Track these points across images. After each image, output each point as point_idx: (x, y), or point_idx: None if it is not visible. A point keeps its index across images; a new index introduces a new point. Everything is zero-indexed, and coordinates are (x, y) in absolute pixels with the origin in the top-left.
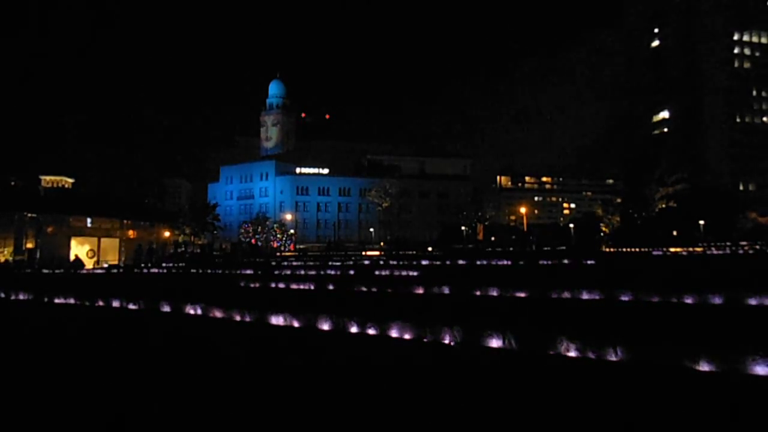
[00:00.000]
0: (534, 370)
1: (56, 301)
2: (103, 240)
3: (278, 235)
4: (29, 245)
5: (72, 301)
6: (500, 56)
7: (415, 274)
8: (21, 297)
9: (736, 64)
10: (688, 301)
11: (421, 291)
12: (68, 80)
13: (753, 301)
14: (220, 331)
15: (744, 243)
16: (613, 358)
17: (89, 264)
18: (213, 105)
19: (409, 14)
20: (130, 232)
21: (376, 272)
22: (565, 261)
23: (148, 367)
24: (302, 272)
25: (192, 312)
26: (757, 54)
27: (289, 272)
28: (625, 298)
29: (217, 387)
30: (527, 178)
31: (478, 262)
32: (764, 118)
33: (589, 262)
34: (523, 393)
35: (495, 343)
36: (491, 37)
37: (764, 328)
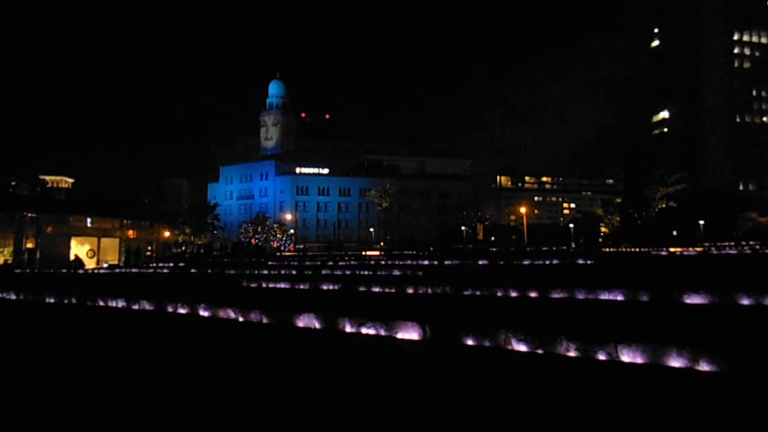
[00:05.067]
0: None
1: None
2: (103, 240)
3: (278, 235)
4: (29, 245)
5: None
6: (500, 56)
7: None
8: (16, 297)
9: (736, 64)
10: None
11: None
12: (68, 81)
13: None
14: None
15: (745, 243)
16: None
17: (90, 264)
18: (213, 105)
19: (409, 15)
20: (130, 232)
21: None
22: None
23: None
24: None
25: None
26: (757, 54)
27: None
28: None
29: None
30: (527, 178)
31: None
32: (764, 118)
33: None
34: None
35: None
36: (492, 38)
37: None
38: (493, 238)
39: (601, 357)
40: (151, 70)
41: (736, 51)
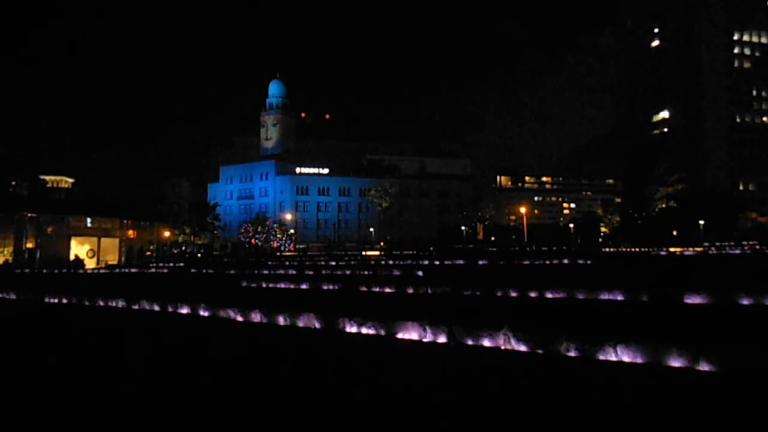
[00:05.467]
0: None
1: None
2: (103, 240)
3: (278, 235)
4: (29, 245)
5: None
6: (500, 57)
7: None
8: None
9: (736, 64)
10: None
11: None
12: (68, 81)
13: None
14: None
15: (744, 243)
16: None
17: (90, 264)
18: (213, 105)
19: (409, 14)
20: (130, 232)
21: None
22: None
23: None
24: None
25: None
26: (757, 54)
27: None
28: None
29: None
30: (527, 178)
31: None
32: (764, 118)
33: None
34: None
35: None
36: (492, 38)
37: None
38: (493, 238)
39: (601, 357)
40: (152, 70)
41: (736, 51)
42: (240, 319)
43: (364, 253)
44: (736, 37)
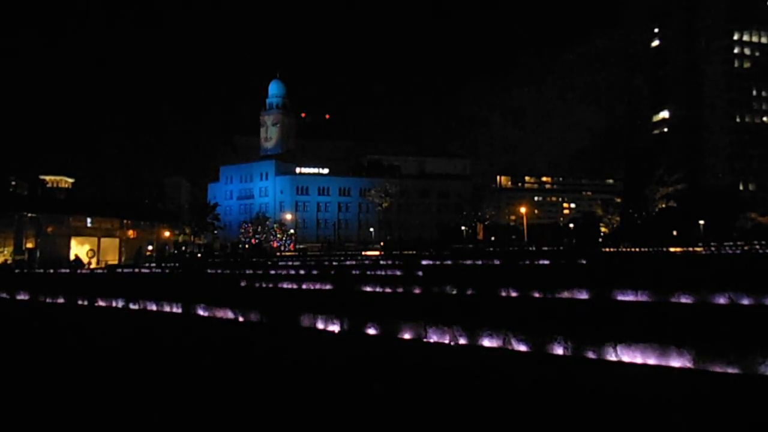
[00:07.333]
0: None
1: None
2: (103, 240)
3: (278, 235)
4: (29, 245)
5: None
6: (500, 56)
7: None
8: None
9: (736, 64)
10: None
11: None
12: (68, 80)
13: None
14: None
15: (743, 243)
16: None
17: (91, 264)
18: (213, 105)
19: (409, 14)
20: (130, 232)
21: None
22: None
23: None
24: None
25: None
26: (757, 54)
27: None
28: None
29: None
30: (527, 178)
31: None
32: (764, 118)
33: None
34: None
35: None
36: (491, 37)
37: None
38: (493, 238)
39: (598, 356)
40: (151, 69)
41: (736, 51)
42: (241, 318)
43: (364, 253)
44: (736, 37)
